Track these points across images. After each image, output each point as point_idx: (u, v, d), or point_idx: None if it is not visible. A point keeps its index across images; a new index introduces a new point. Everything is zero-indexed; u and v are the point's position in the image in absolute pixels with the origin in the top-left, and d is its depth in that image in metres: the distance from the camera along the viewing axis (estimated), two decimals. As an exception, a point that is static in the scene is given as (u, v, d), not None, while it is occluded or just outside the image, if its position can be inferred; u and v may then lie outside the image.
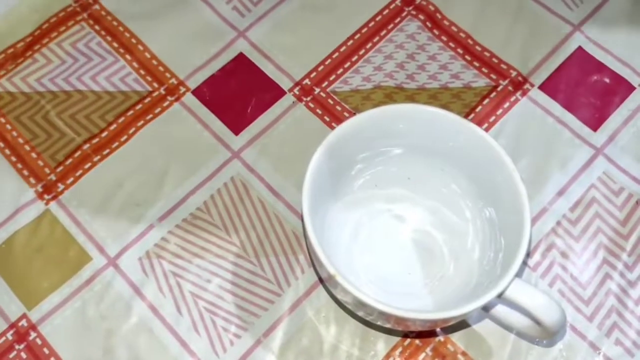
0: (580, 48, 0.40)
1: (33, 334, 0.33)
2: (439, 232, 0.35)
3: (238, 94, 0.39)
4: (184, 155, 0.37)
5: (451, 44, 0.40)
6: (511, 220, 0.31)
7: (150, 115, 0.38)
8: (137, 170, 0.37)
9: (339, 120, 0.38)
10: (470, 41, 0.40)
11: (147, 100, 0.39)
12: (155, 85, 0.39)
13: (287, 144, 0.38)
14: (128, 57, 0.40)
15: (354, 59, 0.40)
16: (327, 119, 0.38)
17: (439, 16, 0.41)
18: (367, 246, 0.34)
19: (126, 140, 0.38)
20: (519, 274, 0.29)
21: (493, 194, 0.32)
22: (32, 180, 0.37)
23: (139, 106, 0.38)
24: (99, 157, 0.37)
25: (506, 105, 0.39)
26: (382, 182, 0.35)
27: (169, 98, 0.39)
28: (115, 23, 0.41)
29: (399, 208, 0.35)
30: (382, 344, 0.33)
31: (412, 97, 0.39)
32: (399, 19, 0.41)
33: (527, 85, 0.39)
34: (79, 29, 0.41)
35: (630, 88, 0.39)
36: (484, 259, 0.33)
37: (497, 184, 0.32)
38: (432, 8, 0.41)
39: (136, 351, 0.33)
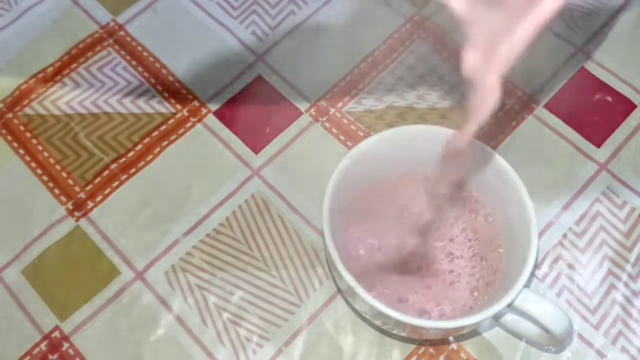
0: (583, 68, 0.41)
1: (66, 345, 0.34)
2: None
3: (257, 114, 0.40)
4: (207, 174, 0.38)
5: (460, 65, 0.41)
6: (519, 233, 0.31)
7: (174, 136, 0.40)
8: (163, 188, 0.38)
9: (353, 139, 0.39)
10: (477, 62, 0.42)
11: (171, 121, 0.40)
12: (179, 107, 0.40)
13: (304, 162, 0.39)
14: (152, 80, 0.41)
15: (366, 80, 0.41)
16: (342, 138, 0.39)
17: (447, 39, 0.42)
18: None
19: (152, 159, 0.39)
20: (527, 285, 0.30)
21: (502, 209, 0.33)
22: (63, 198, 0.38)
23: (164, 127, 0.40)
24: (126, 175, 0.39)
25: (513, 123, 0.40)
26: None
27: (192, 119, 0.40)
28: (139, 48, 0.42)
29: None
30: (397, 352, 0.34)
31: (423, 116, 0.40)
32: (409, 42, 0.42)
33: (532, 104, 0.40)
34: (105, 54, 0.42)
35: (632, 106, 0.40)
36: (494, 270, 0.33)
37: (505, 199, 0.32)
38: (440, 31, 0.43)
39: (164, 360, 0.34)
